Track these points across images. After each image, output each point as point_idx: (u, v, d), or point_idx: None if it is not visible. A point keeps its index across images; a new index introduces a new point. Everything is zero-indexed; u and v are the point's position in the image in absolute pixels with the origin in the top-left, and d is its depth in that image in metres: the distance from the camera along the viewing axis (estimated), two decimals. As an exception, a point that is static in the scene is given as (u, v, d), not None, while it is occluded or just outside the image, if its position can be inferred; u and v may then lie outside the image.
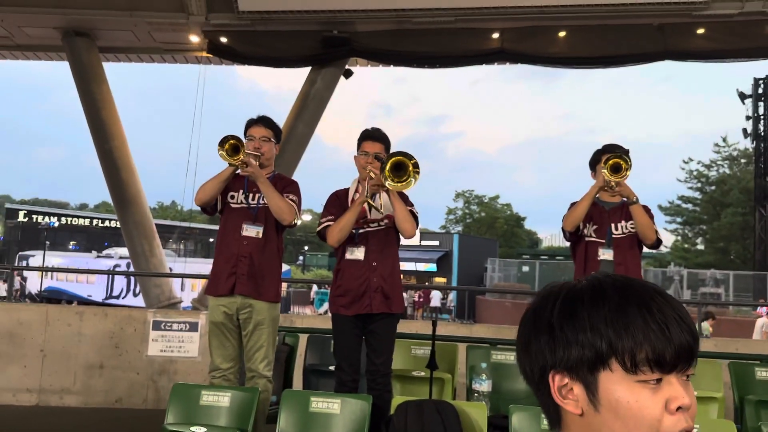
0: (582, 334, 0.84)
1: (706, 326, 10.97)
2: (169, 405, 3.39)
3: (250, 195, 3.68)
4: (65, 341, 5.67)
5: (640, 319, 0.82)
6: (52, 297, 25.94)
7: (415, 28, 10.13)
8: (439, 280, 35.85)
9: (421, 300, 29.51)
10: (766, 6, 9.18)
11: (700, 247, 35.66)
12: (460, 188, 62.03)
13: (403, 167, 3.46)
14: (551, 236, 55.26)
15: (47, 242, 32.06)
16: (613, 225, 3.81)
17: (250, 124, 3.75)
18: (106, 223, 41.36)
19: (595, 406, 0.84)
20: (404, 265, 33.61)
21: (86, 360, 5.65)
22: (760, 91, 25.95)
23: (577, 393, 0.86)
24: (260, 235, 3.60)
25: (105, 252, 31.85)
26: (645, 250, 3.94)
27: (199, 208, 3.75)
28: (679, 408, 0.82)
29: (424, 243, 36.87)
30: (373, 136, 3.74)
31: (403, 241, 3.83)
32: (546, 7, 9.51)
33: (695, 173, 35.43)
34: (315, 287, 28.46)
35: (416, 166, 3.45)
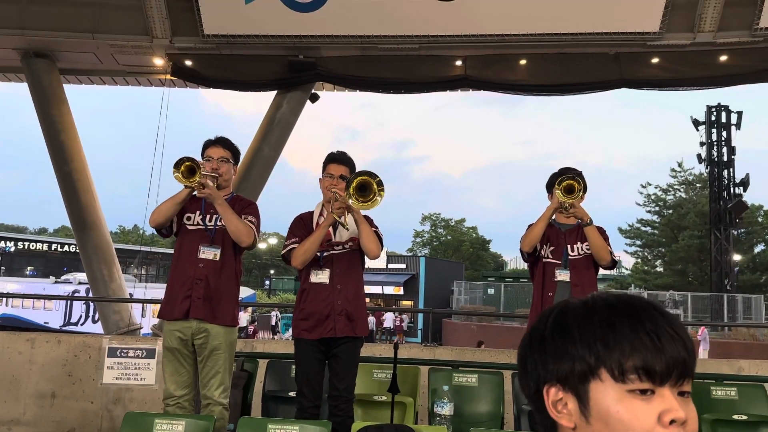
0: (572, 347, 0.85)
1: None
2: (121, 434, 3.28)
3: (207, 216, 3.63)
4: (15, 369, 5.45)
5: (629, 330, 0.83)
6: (7, 324, 24.99)
7: (381, 54, 10.26)
8: (406, 303, 35.82)
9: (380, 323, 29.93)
10: (717, 37, 9.57)
11: (659, 269, 36.47)
12: (427, 211, 62.46)
13: (368, 186, 3.48)
14: (516, 259, 55.82)
15: (3, 268, 31.02)
16: (569, 246, 3.88)
17: (208, 144, 3.72)
18: (66, 248, 40.27)
19: (586, 418, 0.84)
20: (371, 288, 33.63)
21: (37, 389, 5.44)
22: (713, 118, 26.93)
23: (570, 407, 0.86)
24: (217, 258, 3.55)
25: (63, 277, 30.96)
26: (603, 271, 4.02)
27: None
28: (673, 422, 0.81)
29: (391, 266, 36.90)
30: (337, 158, 3.76)
31: (371, 264, 3.84)
32: (507, 35, 9.75)
33: (653, 197, 36.40)
34: (276, 312, 28.12)
35: (380, 184, 3.48)
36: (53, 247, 41.83)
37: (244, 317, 27.50)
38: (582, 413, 0.85)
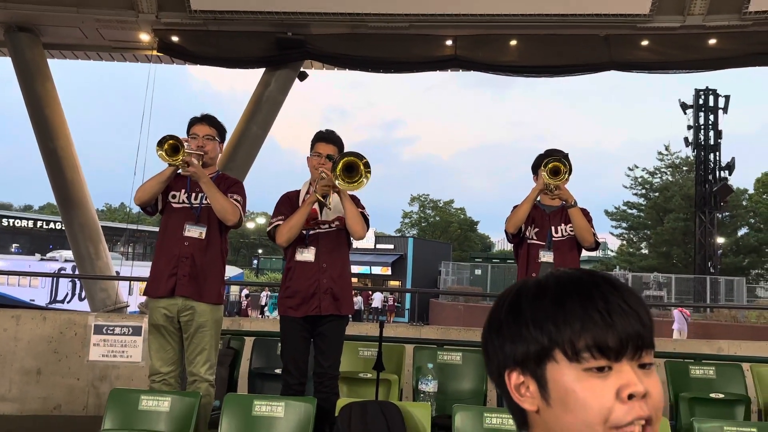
0: (525, 329, 0.84)
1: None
2: (106, 411, 3.30)
3: (193, 195, 3.62)
4: (0, 346, 5.44)
5: (579, 308, 0.82)
6: (-8, 302, 24.84)
7: (370, 32, 10.16)
8: (394, 283, 35.99)
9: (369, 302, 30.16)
10: (706, 20, 9.57)
11: (645, 251, 36.83)
12: (415, 192, 62.42)
13: (355, 167, 3.47)
14: (503, 240, 56.14)
15: (-13, 245, 30.75)
16: (553, 228, 3.92)
17: (194, 122, 3.69)
18: (51, 225, 39.93)
19: (546, 401, 0.83)
20: (359, 268, 33.75)
21: (23, 365, 5.43)
22: (701, 101, 27.04)
23: (532, 390, 0.85)
24: (203, 236, 3.54)
25: (49, 255, 30.74)
26: (587, 253, 4.07)
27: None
28: (632, 396, 0.79)
29: (379, 246, 36.98)
30: (326, 137, 3.75)
31: (359, 244, 3.85)
32: (497, 15, 9.69)
33: (640, 180, 36.60)
34: (267, 292, 28.14)
35: (367, 165, 3.47)
36: (38, 224, 41.45)
37: (263, 295, 27.61)
38: (542, 396, 0.84)
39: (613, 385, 0.80)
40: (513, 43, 10.16)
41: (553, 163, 3.73)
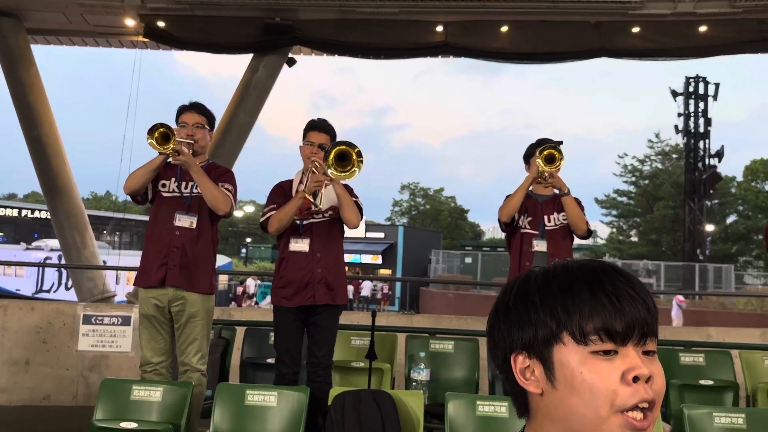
0: (534, 313, 0.86)
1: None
2: (98, 401, 3.26)
3: (183, 184, 3.57)
4: (-13, 337, 5.37)
5: (588, 293, 0.84)
6: (-23, 292, 24.58)
7: (359, 18, 10.07)
8: (384, 271, 36.05)
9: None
10: (697, 7, 9.57)
11: (634, 238, 37.09)
12: (406, 180, 62.53)
13: (347, 157, 3.44)
14: (493, 228, 56.36)
15: (-29, 234, 30.39)
16: (545, 217, 3.91)
17: (183, 110, 3.63)
18: (36, 214, 39.51)
19: (552, 383, 0.85)
20: (350, 257, 33.74)
21: (11, 356, 5.38)
22: (691, 89, 27.11)
23: (537, 373, 0.87)
24: (194, 225, 3.50)
25: (35, 244, 30.44)
26: (577, 241, 4.07)
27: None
28: (637, 379, 0.82)
29: (369, 235, 37.00)
30: (318, 126, 3.72)
31: (349, 233, 3.82)
32: (488, 1, 9.63)
33: (630, 168, 36.76)
34: (252, 281, 27.96)
35: (359, 155, 3.44)
36: (23, 213, 40.99)
37: (251, 284, 27.33)
38: (548, 378, 0.85)
39: (618, 368, 0.82)
40: (504, 29, 10.11)
41: (548, 151, 3.72)
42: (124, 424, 3.05)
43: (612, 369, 0.82)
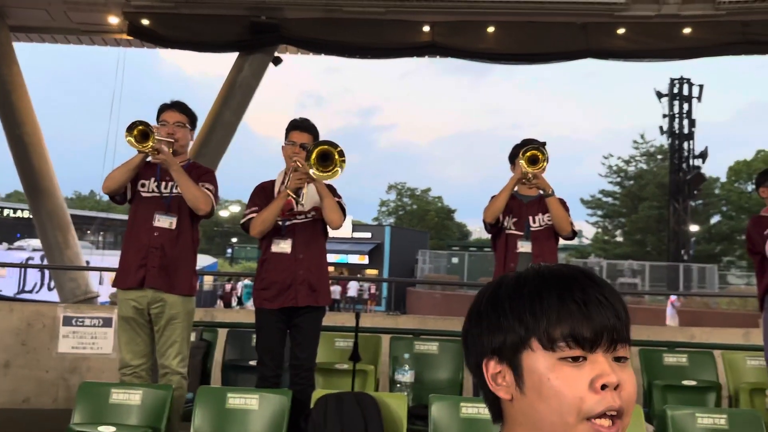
0: (504, 319, 0.87)
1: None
2: (76, 404, 3.22)
3: (163, 183, 3.52)
4: (-36, 339, 5.27)
5: (556, 299, 0.84)
6: (-42, 292, 24.21)
7: (346, 17, 10.03)
8: (371, 271, 36.01)
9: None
10: (682, 9, 9.64)
11: (619, 239, 37.38)
12: (393, 180, 62.55)
13: (329, 156, 3.42)
14: (480, 228, 56.46)
15: (-48, 233, 29.96)
16: (530, 218, 3.91)
17: (164, 108, 3.59)
18: (18, 213, 39.03)
19: (521, 389, 0.85)
20: (336, 257, 33.68)
21: (-12, 359, 5.28)
22: (676, 90, 27.39)
23: (508, 379, 0.87)
24: (173, 226, 3.45)
25: (16, 244, 30.09)
26: (563, 241, 4.08)
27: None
28: (605, 387, 0.81)
29: (356, 235, 36.96)
30: (300, 125, 3.69)
31: (336, 233, 3.79)
32: (475, 2, 9.64)
33: (615, 168, 37.05)
34: (244, 281, 27.75)
35: (342, 154, 3.42)
36: (5, 212, 40.45)
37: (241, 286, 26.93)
38: (518, 384, 0.85)
39: (586, 375, 0.82)
40: (490, 29, 10.12)
41: (531, 152, 3.72)
42: (103, 428, 3.00)
43: (580, 376, 0.82)
